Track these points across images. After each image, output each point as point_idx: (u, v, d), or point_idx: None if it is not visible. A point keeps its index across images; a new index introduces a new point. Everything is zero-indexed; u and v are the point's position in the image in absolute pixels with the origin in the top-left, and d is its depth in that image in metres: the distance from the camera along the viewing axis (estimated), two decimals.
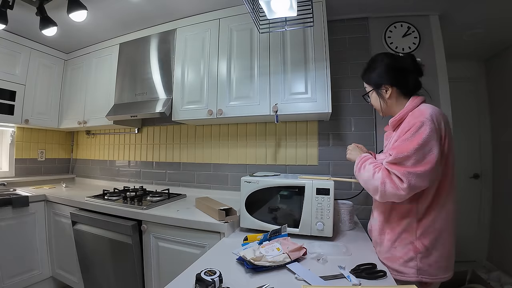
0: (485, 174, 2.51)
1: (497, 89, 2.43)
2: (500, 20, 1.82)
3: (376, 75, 0.99)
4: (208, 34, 1.75)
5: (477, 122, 2.56)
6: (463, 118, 2.46)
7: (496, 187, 2.44)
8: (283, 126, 1.85)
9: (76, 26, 1.89)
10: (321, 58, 1.46)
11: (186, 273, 0.85)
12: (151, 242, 1.43)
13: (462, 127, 2.43)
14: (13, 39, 2.05)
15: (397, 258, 0.90)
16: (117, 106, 2.01)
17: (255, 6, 1.11)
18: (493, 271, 2.17)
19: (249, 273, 0.85)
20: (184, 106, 1.77)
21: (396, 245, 0.91)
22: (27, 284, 1.82)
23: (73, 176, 2.73)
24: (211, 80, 1.70)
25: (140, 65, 1.97)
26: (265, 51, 1.58)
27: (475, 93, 2.58)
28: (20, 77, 2.11)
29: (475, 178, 2.52)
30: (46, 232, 1.95)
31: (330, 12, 1.57)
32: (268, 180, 1.28)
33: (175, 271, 0.90)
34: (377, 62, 1.01)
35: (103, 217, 1.58)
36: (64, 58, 2.44)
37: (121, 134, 2.47)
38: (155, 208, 1.56)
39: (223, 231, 1.24)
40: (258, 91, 1.57)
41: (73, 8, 1.53)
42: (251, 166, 1.91)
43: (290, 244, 0.98)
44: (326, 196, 1.16)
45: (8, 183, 2.15)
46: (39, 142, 2.53)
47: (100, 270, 1.64)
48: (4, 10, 1.55)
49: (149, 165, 2.30)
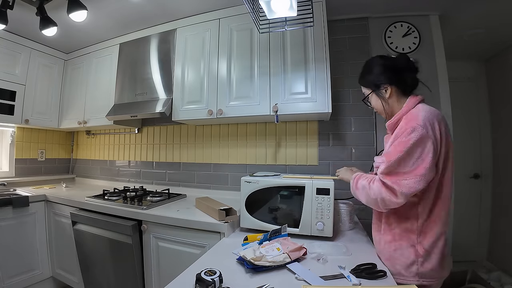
0: (485, 174, 2.51)
1: (497, 89, 2.43)
2: (500, 20, 1.82)
3: (373, 76, 0.99)
4: (208, 34, 1.75)
5: (477, 122, 2.56)
6: (463, 118, 2.46)
7: (496, 187, 2.44)
8: (283, 126, 1.85)
9: (76, 26, 1.88)
10: (321, 58, 1.46)
11: (186, 273, 0.85)
12: (151, 242, 1.44)
13: (462, 127, 2.43)
14: (13, 39, 2.05)
15: (398, 261, 0.90)
16: (117, 106, 2.01)
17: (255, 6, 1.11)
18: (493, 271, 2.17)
19: (249, 273, 0.85)
20: (184, 106, 1.77)
21: (397, 248, 0.91)
22: (27, 284, 1.82)
23: (73, 176, 2.73)
24: (211, 80, 1.70)
25: (140, 65, 1.97)
26: (265, 51, 1.58)
27: (475, 93, 2.58)
28: (20, 77, 2.11)
29: (475, 178, 2.52)
30: (46, 232, 1.96)
31: (330, 12, 1.57)
32: (268, 180, 1.28)
33: (175, 271, 0.90)
34: (372, 64, 1.01)
35: (103, 217, 1.58)
36: (64, 58, 2.44)
37: (121, 134, 2.47)
38: (155, 208, 1.56)
39: (223, 231, 1.24)
40: (258, 91, 1.57)
41: (73, 8, 1.53)
42: (251, 166, 1.91)
43: (290, 244, 0.98)
44: (326, 196, 1.16)
45: (8, 183, 2.15)
46: (39, 142, 2.53)
47: (100, 270, 1.64)
48: (4, 10, 1.55)
49: (149, 165, 2.30)
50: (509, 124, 2.28)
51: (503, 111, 2.36)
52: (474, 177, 2.52)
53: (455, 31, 1.91)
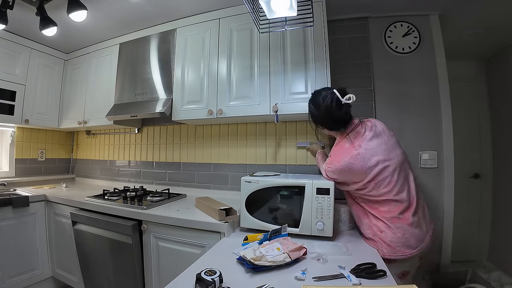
0: (485, 174, 2.51)
1: (497, 89, 2.43)
2: (500, 20, 1.82)
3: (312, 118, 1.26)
4: (208, 34, 1.75)
5: (477, 122, 2.56)
6: (463, 118, 2.46)
7: (496, 187, 2.44)
8: (283, 126, 1.85)
9: (76, 26, 1.88)
10: (321, 58, 1.46)
11: (186, 273, 0.85)
12: (151, 242, 1.44)
13: (462, 127, 2.43)
14: (13, 39, 2.05)
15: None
16: (117, 106, 2.01)
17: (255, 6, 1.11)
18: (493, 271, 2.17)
19: (249, 273, 0.85)
20: (184, 106, 1.77)
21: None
22: (27, 284, 1.82)
23: (73, 176, 2.73)
24: (211, 80, 1.70)
25: (140, 65, 1.97)
26: (265, 51, 1.58)
27: (475, 93, 2.58)
28: (20, 77, 2.11)
29: (475, 178, 2.52)
30: (46, 232, 1.96)
31: (330, 12, 1.57)
32: (268, 180, 1.28)
33: (175, 271, 0.90)
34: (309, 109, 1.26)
35: (103, 217, 1.58)
36: (64, 58, 2.44)
37: (121, 134, 2.47)
38: (155, 208, 1.56)
39: (223, 231, 1.24)
40: (258, 91, 1.57)
41: (73, 8, 1.53)
42: (251, 166, 1.91)
43: (290, 244, 0.98)
44: (326, 196, 1.16)
45: (8, 183, 2.15)
46: (39, 142, 2.53)
47: (100, 270, 1.64)
48: (4, 10, 1.55)
49: (149, 165, 2.30)
50: (509, 123, 2.28)
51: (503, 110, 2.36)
52: (474, 177, 2.52)
53: (455, 31, 1.91)
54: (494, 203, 2.44)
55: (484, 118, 2.54)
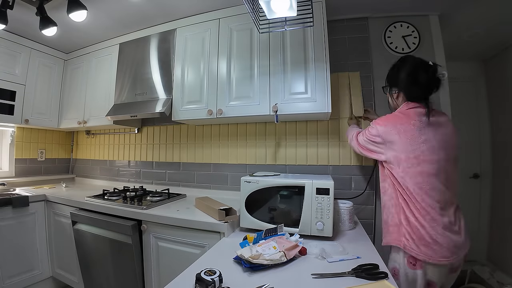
0: (485, 174, 2.51)
1: (497, 89, 2.43)
2: (500, 20, 1.82)
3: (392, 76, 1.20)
4: (208, 34, 1.75)
5: (477, 122, 2.56)
6: (463, 118, 2.46)
7: (496, 187, 2.44)
8: (283, 126, 1.85)
9: (76, 26, 1.89)
10: (321, 58, 1.46)
11: (186, 273, 0.85)
12: (151, 242, 1.44)
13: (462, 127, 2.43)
14: (13, 39, 2.05)
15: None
16: (117, 106, 2.01)
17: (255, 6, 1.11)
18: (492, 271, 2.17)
19: (247, 272, 0.86)
20: (184, 106, 1.77)
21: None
22: (27, 284, 1.82)
23: (73, 176, 2.73)
24: (211, 80, 1.70)
25: (140, 65, 1.97)
26: (265, 51, 1.58)
27: (475, 93, 2.58)
28: (20, 77, 2.11)
29: (475, 178, 2.52)
30: (46, 232, 1.96)
31: (330, 12, 1.57)
32: (268, 180, 1.28)
33: (175, 271, 0.90)
34: (401, 65, 1.16)
35: (103, 217, 1.58)
36: (64, 58, 2.44)
37: (121, 134, 2.47)
38: (155, 208, 1.56)
39: (223, 231, 1.24)
40: (258, 91, 1.57)
41: (73, 8, 1.53)
42: (251, 166, 1.91)
43: (286, 243, 0.99)
44: (326, 196, 1.16)
45: (8, 183, 2.15)
46: (39, 142, 2.53)
47: (100, 270, 1.64)
48: (4, 10, 1.55)
49: (149, 165, 2.30)
50: (509, 123, 2.28)
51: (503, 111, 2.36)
52: (474, 177, 2.52)
53: (455, 31, 1.91)
54: (494, 203, 2.44)
55: (484, 118, 2.54)
